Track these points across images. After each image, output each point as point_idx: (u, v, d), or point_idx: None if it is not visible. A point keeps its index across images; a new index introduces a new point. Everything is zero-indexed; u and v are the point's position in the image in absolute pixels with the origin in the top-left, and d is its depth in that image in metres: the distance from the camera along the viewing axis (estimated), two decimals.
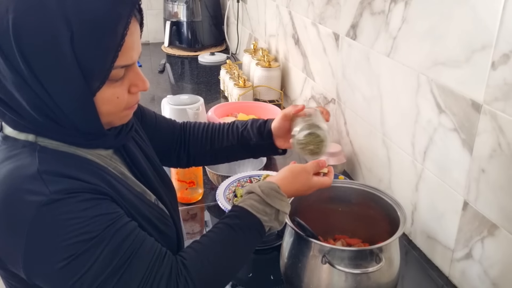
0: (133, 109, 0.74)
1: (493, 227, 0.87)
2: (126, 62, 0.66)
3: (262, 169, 1.32)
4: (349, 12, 1.31)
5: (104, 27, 0.61)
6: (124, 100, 0.69)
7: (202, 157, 1.02)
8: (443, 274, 1.04)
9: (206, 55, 2.70)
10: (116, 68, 0.64)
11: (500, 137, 0.82)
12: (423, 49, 1.01)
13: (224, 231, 0.75)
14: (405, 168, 1.13)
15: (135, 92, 0.71)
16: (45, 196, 0.60)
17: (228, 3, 2.82)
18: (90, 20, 0.60)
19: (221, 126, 1.01)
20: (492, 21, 0.81)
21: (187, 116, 1.41)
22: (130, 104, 0.71)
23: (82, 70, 0.61)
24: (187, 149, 1.00)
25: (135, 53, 0.67)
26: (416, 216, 1.12)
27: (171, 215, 0.83)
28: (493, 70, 0.82)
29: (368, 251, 0.81)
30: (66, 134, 0.68)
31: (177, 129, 1.01)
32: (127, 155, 0.79)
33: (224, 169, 1.38)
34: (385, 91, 1.18)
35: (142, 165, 0.81)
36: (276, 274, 0.98)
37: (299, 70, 1.80)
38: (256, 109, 1.64)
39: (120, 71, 0.66)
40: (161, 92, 2.22)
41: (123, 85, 0.68)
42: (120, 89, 0.68)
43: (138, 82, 0.70)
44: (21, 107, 0.64)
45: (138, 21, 0.68)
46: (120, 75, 0.66)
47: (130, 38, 0.64)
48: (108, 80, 0.64)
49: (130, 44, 0.65)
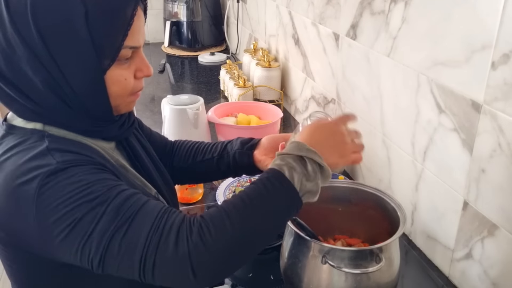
0: (137, 96, 0.78)
1: (493, 227, 0.87)
2: (134, 44, 0.70)
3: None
4: (349, 12, 1.31)
5: (115, 7, 0.66)
6: (130, 83, 0.73)
7: (183, 172, 1.01)
8: (443, 274, 1.04)
9: (206, 55, 2.70)
10: (125, 48, 0.69)
11: (500, 137, 0.82)
12: (423, 49, 1.01)
13: (249, 187, 0.70)
14: (405, 168, 1.13)
15: (140, 77, 0.75)
16: (52, 166, 0.63)
17: (228, 3, 2.82)
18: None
19: (208, 142, 1.02)
20: (492, 21, 0.81)
21: (187, 116, 1.41)
22: (136, 89, 0.76)
23: (94, 47, 0.65)
24: (171, 163, 1.00)
25: (141, 37, 0.72)
26: (416, 216, 1.12)
27: None
28: (493, 70, 0.82)
29: (368, 251, 0.81)
30: (75, 118, 0.70)
31: (169, 145, 1.03)
32: (129, 148, 0.82)
33: None
34: (385, 91, 1.18)
35: (143, 159, 0.84)
36: (276, 274, 0.98)
37: (299, 70, 1.80)
38: (256, 109, 1.64)
39: (128, 52, 0.70)
40: (161, 92, 2.22)
41: (130, 68, 0.73)
42: (127, 72, 0.72)
43: (143, 67, 0.74)
44: (33, 89, 0.67)
45: (142, 9, 0.72)
46: (127, 55, 0.70)
47: (137, 21, 0.69)
48: (117, 60, 0.69)
49: (137, 28, 0.70)
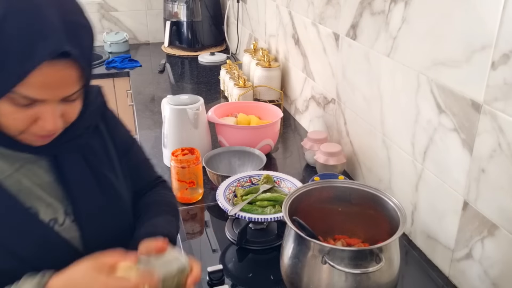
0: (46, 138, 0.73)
1: (493, 227, 0.87)
2: (31, 95, 0.66)
3: (262, 168, 1.32)
4: (349, 12, 1.31)
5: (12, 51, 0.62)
6: (19, 124, 0.69)
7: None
8: (443, 274, 1.04)
9: (206, 55, 2.70)
10: (17, 93, 0.65)
11: (500, 137, 0.82)
12: (423, 49, 1.01)
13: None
14: (405, 168, 1.13)
15: (40, 126, 0.70)
16: None
17: (228, 3, 2.82)
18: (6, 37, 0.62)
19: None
20: (492, 21, 0.81)
21: (187, 116, 1.41)
22: (34, 132, 0.71)
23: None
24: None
25: (46, 93, 0.67)
26: (416, 216, 1.12)
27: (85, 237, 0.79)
28: (493, 70, 0.82)
29: (368, 251, 0.81)
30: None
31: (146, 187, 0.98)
32: (58, 163, 0.78)
33: (224, 169, 1.38)
34: (385, 91, 1.18)
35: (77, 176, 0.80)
36: (276, 274, 0.98)
37: (299, 70, 1.80)
38: (256, 109, 1.64)
39: (22, 99, 0.66)
40: (161, 92, 2.22)
41: (27, 112, 0.68)
42: (21, 114, 0.68)
43: (44, 121, 0.69)
44: None
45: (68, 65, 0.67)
46: (22, 102, 0.66)
47: (41, 77, 0.64)
48: (9, 99, 0.65)
49: (41, 82, 0.65)
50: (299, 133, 1.77)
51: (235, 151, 1.44)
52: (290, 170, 1.47)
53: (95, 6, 2.97)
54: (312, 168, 1.49)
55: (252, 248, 1.10)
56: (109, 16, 3.04)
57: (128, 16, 3.09)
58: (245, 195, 1.15)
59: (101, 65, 2.70)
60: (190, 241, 1.14)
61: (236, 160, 1.43)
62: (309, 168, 1.50)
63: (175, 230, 0.92)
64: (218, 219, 1.23)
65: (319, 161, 1.38)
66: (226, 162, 1.42)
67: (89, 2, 2.93)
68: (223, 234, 1.14)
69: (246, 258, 1.09)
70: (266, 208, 1.09)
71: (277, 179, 1.21)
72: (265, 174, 1.22)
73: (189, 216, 1.25)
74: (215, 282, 0.97)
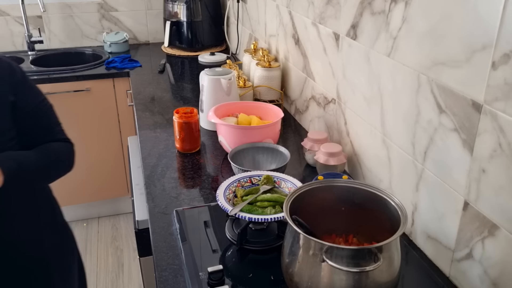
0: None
1: (493, 227, 0.87)
2: None
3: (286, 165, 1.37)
4: (349, 12, 1.31)
5: None
6: None
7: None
8: (444, 274, 1.04)
9: (206, 55, 2.70)
10: None
11: (501, 137, 0.82)
12: (423, 49, 1.01)
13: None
14: (406, 168, 1.13)
15: None
16: None
17: (228, 3, 2.82)
18: None
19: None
20: (492, 21, 0.81)
21: (221, 85, 1.70)
22: None
23: None
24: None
25: None
26: (417, 216, 1.12)
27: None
28: (493, 70, 0.82)
29: (366, 250, 0.81)
30: None
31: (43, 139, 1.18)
32: None
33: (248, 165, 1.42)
34: (385, 91, 1.18)
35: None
36: (276, 274, 0.98)
37: (299, 70, 1.80)
38: (256, 109, 1.64)
39: None
40: (161, 92, 2.22)
41: None
42: None
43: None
44: None
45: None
46: None
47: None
48: None
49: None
50: (299, 133, 1.77)
51: (259, 147, 1.46)
52: (290, 170, 1.47)
53: (95, 6, 2.97)
54: (313, 168, 1.49)
55: (252, 248, 1.10)
56: (109, 16, 3.04)
57: (128, 16, 3.09)
58: (245, 196, 1.15)
59: (101, 65, 2.70)
60: (190, 241, 1.14)
61: (260, 156, 1.46)
62: (309, 168, 1.50)
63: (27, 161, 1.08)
64: (218, 219, 1.23)
65: (319, 161, 1.38)
66: (250, 158, 1.45)
67: (89, 2, 2.93)
68: (223, 234, 1.14)
69: (246, 258, 1.09)
70: (266, 208, 1.09)
71: (277, 179, 1.21)
72: (265, 175, 1.22)
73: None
74: (215, 282, 0.97)
